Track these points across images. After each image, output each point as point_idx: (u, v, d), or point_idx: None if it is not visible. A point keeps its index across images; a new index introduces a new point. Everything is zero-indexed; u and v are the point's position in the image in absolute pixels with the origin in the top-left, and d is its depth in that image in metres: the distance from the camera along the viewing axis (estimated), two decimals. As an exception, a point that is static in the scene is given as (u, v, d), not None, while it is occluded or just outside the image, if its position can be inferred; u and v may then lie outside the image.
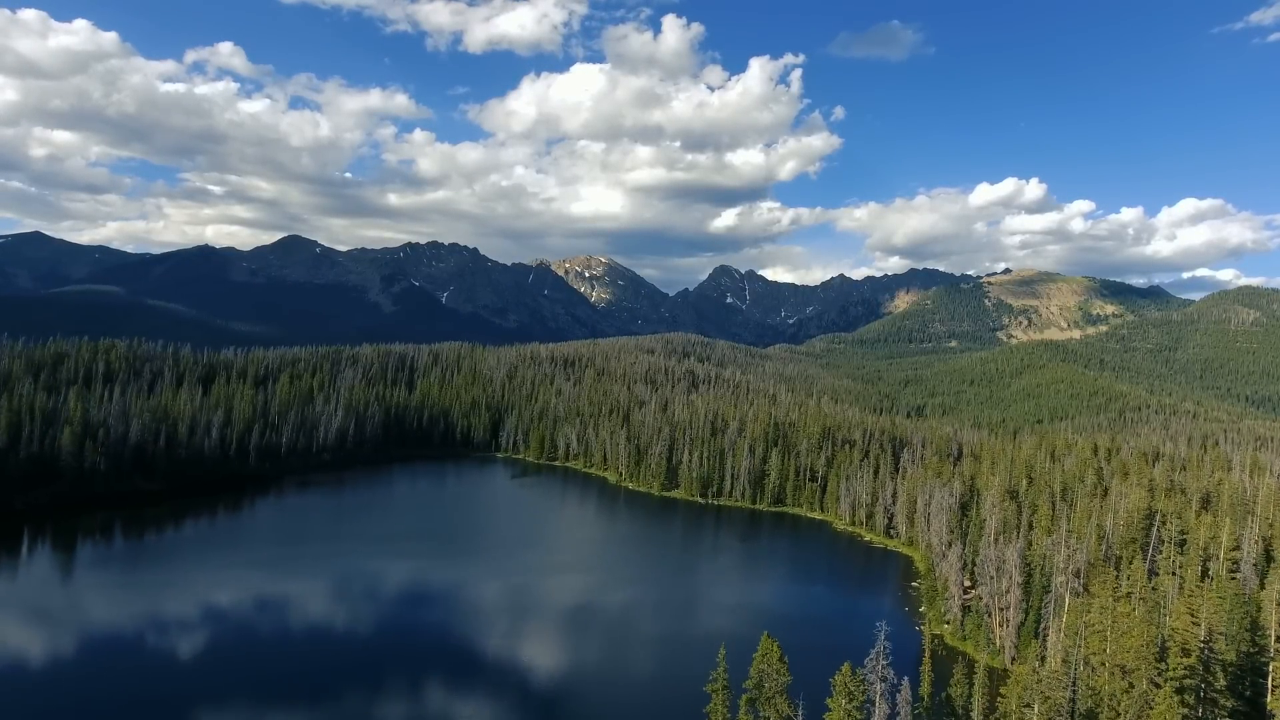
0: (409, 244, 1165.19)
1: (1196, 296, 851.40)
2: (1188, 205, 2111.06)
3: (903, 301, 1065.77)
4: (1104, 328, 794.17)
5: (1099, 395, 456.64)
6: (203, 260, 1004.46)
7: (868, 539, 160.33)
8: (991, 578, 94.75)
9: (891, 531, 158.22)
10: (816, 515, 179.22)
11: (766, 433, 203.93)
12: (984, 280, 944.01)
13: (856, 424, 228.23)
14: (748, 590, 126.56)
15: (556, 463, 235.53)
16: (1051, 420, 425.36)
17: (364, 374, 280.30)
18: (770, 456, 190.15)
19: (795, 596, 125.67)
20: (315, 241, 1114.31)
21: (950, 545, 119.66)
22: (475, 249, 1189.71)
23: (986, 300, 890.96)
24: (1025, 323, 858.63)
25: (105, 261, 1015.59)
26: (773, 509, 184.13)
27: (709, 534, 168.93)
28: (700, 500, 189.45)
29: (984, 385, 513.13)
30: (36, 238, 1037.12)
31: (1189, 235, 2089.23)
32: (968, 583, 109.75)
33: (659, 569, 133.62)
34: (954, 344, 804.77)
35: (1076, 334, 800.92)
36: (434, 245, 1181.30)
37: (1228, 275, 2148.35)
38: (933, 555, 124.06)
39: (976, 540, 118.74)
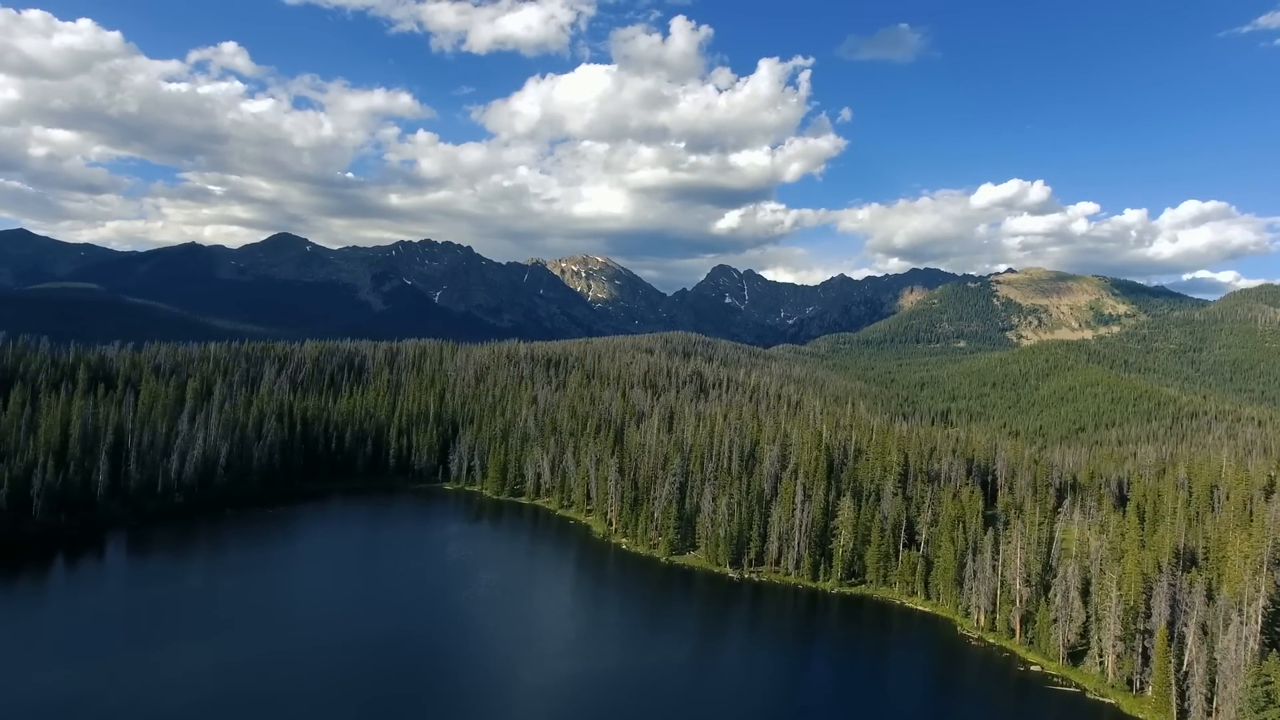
0: (401, 242, 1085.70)
1: (1206, 297, 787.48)
2: (1190, 207, 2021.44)
3: (909, 300, 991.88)
4: (1116, 328, 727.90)
5: (1144, 400, 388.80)
6: (189, 258, 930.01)
7: (1034, 665, 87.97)
8: None
9: (1081, 659, 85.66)
10: (920, 604, 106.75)
11: (819, 462, 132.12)
12: (992, 279, 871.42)
13: (923, 442, 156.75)
14: None
15: (523, 499, 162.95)
16: (1096, 428, 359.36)
17: (291, 378, 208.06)
18: (841, 506, 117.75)
19: None
20: (305, 240, 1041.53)
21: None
22: (469, 247, 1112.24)
23: (995, 300, 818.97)
24: (1035, 322, 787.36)
25: (90, 259, 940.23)
26: (845, 589, 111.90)
27: (754, 655, 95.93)
28: (730, 573, 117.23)
29: (1008, 388, 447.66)
30: (20, 235, 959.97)
31: (1191, 237, 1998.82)
32: None
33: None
34: (962, 344, 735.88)
35: (1089, 334, 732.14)
36: (427, 244, 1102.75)
37: (1227, 277, 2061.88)
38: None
39: None
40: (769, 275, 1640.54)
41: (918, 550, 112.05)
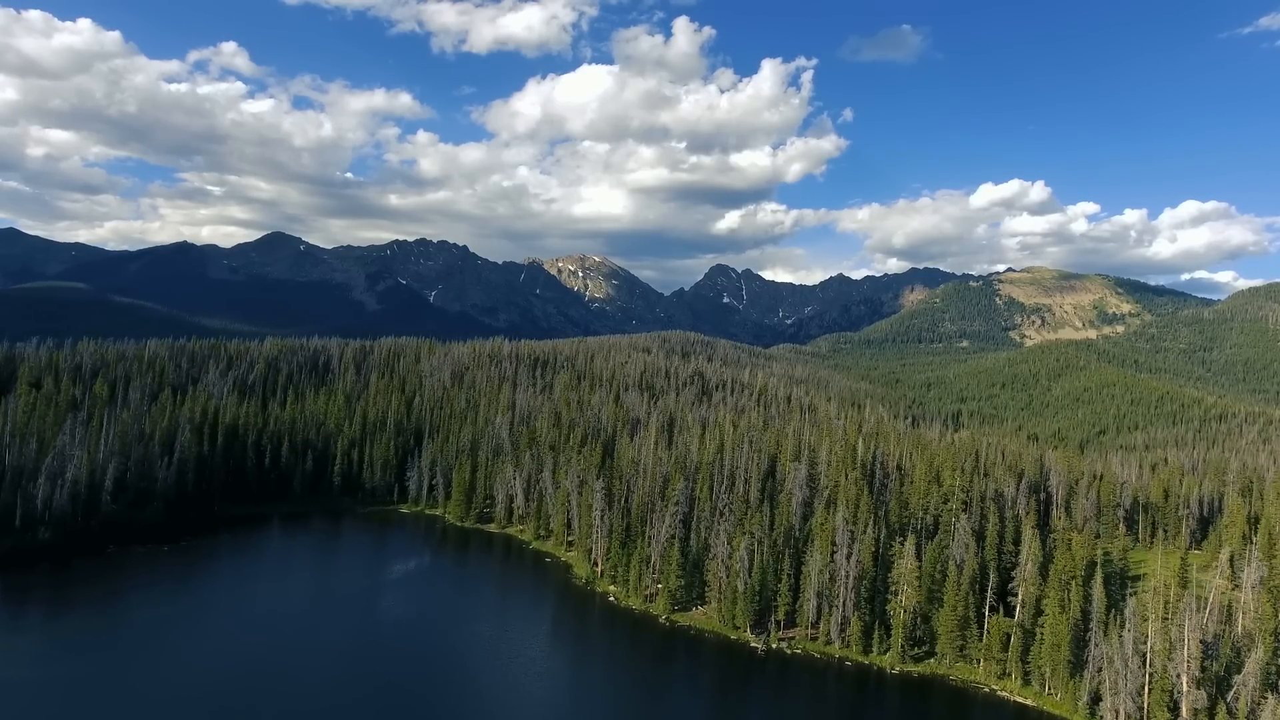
0: (396, 241, 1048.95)
1: (1208, 297, 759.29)
2: (1190, 207, 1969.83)
3: (909, 300, 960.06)
4: (1120, 328, 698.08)
5: (1166, 401, 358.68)
6: (180, 257, 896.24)
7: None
8: None
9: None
10: (1017, 693, 75.54)
11: (860, 486, 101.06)
12: (994, 278, 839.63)
13: (964, 453, 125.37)
14: None
15: (492, 526, 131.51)
16: (1118, 431, 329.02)
17: (239, 380, 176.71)
18: (899, 552, 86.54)
19: None
20: (299, 239, 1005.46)
21: None
22: (465, 247, 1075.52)
23: (998, 299, 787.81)
24: (1039, 322, 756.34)
25: (81, 258, 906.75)
26: (911, 669, 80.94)
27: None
28: (752, 641, 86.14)
29: (1019, 389, 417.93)
30: (10, 234, 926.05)
31: (1190, 237, 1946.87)
32: None
33: None
34: (965, 344, 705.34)
35: (1093, 333, 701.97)
36: (422, 243, 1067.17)
37: (1226, 277, 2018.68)
38: None
39: None
40: (768, 275, 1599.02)
41: (1009, 615, 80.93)
